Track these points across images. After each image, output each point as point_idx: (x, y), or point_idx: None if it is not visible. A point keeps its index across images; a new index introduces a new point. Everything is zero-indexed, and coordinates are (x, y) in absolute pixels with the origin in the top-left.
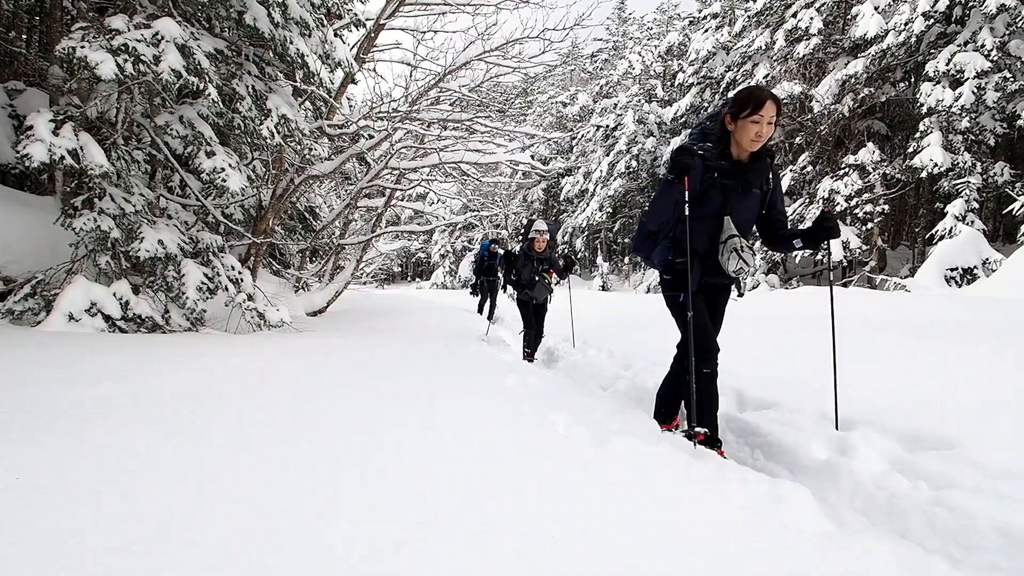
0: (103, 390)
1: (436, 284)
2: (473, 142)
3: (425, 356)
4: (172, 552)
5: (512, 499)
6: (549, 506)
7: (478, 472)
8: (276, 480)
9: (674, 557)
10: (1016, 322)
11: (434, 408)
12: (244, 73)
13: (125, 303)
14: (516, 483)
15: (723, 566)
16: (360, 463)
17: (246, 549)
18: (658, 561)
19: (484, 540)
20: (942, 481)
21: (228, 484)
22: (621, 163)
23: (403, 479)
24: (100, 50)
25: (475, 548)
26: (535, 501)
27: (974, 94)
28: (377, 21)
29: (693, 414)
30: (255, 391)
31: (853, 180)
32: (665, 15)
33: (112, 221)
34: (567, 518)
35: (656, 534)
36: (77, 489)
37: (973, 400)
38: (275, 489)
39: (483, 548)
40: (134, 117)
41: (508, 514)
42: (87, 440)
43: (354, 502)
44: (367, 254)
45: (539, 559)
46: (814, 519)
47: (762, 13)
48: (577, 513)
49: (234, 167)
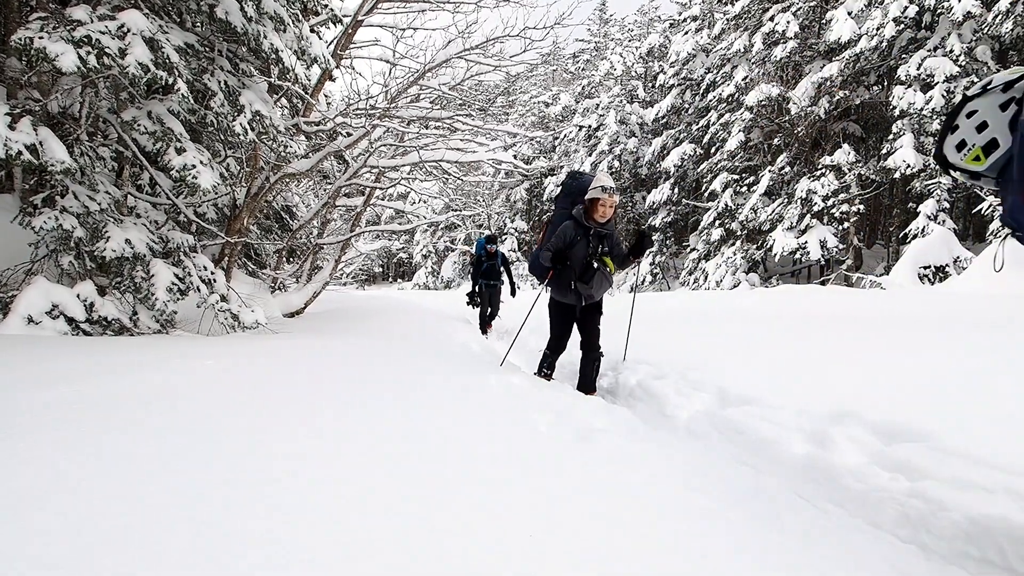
0: (63, 393)
1: (418, 285)
2: (454, 141)
3: (404, 354)
4: (130, 557)
5: (489, 497)
6: (527, 504)
7: (456, 471)
8: (244, 482)
9: (654, 553)
10: (986, 317)
11: (411, 406)
12: (216, 68)
13: (90, 305)
14: (494, 481)
15: (705, 563)
16: (334, 461)
17: (211, 555)
18: (637, 558)
19: (460, 538)
20: (917, 473)
21: (194, 488)
22: (603, 163)
23: (378, 479)
24: (60, 41)
25: (451, 546)
26: (513, 499)
27: (944, 97)
28: (355, 17)
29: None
30: (226, 393)
31: (830, 180)
32: (646, 17)
33: (75, 220)
34: (545, 516)
35: (636, 531)
36: (32, 495)
37: (947, 392)
38: (243, 491)
39: (460, 546)
40: (99, 112)
41: (485, 512)
42: (43, 444)
43: (327, 504)
44: (346, 254)
45: (514, 556)
46: (795, 512)
47: (740, 16)
48: (555, 510)
49: (205, 164)
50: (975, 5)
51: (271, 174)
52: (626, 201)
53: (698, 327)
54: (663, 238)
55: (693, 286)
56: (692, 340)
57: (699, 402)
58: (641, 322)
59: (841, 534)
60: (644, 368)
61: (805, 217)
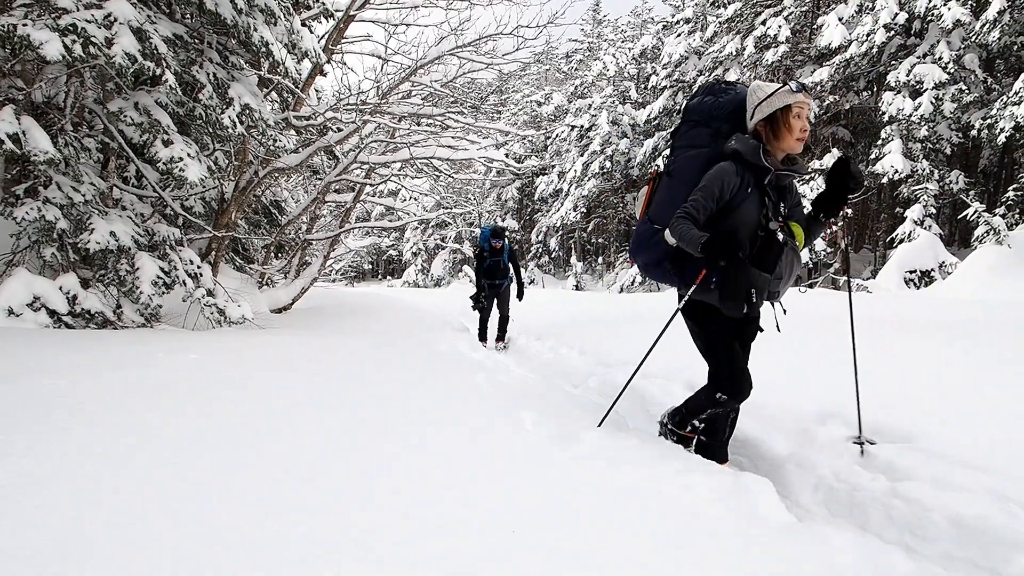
0: (41, 386)
1: (408, 282)
2: (446, 138)
3: (394, 352)
4: (97, 556)
5: (472, 493)
6: (510, 500)
7: (440, 468)
8: (229, 479)
9: (637, 550)
10: (970, 321)
11: (397, 405)
12: (205, 60)
13: (73, 297)
14: (477, 478)
15: (688, 558)
16: (321, 459)
17: (183, 556)
18: (620, 553)
19: (443, 533)
20: (900, 473)
21: (178, 486)
22: (595, 164)
23: (363, 475)
24: (45, 29)
25: (433, 541)
26: (496, 495)
27: (932, 104)
28: (347, 12)
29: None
30: (211, 388)
31: (819, 184)
32: (639, 18)
33: (59, 211)
34: (527, 511)
35: (620, 527)
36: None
37: (930, 394)
38: (228, 489)
39: (442, 540)
40: (85, 103)
41: (467, 508)
42: (14, 441)
43: (310, 498)
44: (335, 251)
45: (497, 551)
46: (777, 511)
47: (733, 20)
48: (539, 507)
49: (193, 157)
50: (964, 13)
51: (260, 168)
52: (617, 202)
53: (686, 328)
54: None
55: None
56: (680, 341)
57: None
58: (629, 323)
59: (823, 533)
60: (633, 367)
61: None
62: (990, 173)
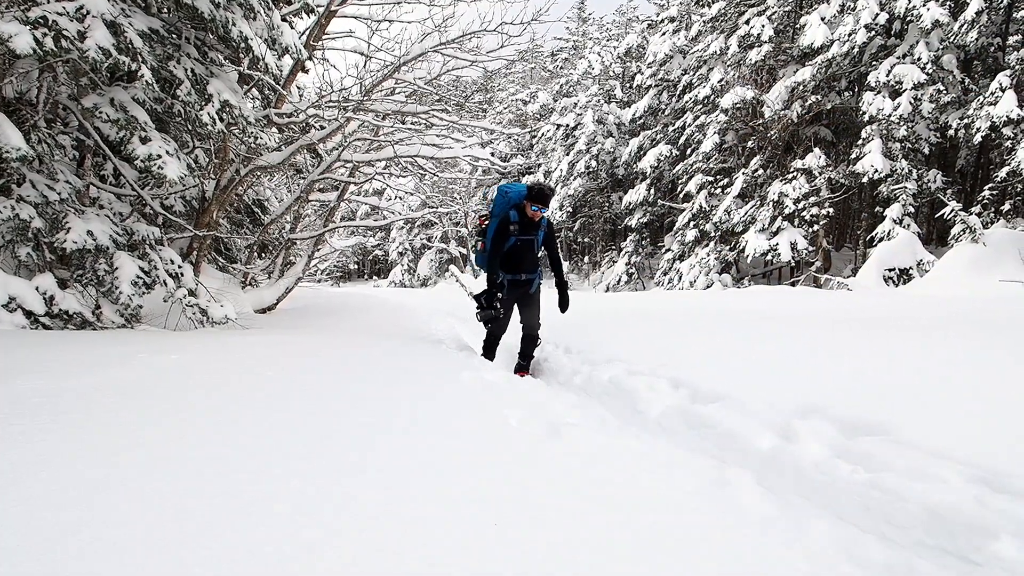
0: (20, 387)
1: (394, 282)
2: (430, 136)
3: (381, 352)
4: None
5: (456, 488)
6: (494, 495)
7: (424, 464)
8: (210, 480)
9: (619, 542)
10: (946, 317)
11: (381, 405)
12: (183, 56)
13: (50, 298)
14: (461, 473)
15: (671, 549)
16: (302, 459)
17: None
18: (601, 545)
19: (423, 527)
20: (877, 465)
21: (157, 486)
22: (581, 163)
23: (347, 471)
24: (14, 22)
25: (415, 535)
26: (480, 489)
27: (911, 104)
28: (328, 7)
29: None
30: (190, 389)
31: (801, 184)
32: (624, 17)
33: (33, 209)
34: (511, 503)
35: (603, 519)
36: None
37: (907, 387)
38: (211, 488)
39: (423, 534)
40: (59, 98)
41: (451, 503)
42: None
43: (290, 498)
44: (320, 250)
45: (477, 544)
46: (758, 503)
47: (717, 19)
48: (523, 500)
49: (172, 155)
50: (943, 14)
51: (241, 166)
52: (603, 201)
53: (671, 326)
54: (639, 238)
55: (668, 286)
56: (665, 338)
57: (670, 398)
58: (616, 320)
59: (802, 523)
60: (619, 365)
61: (776, 219)
62: (967, 172)
